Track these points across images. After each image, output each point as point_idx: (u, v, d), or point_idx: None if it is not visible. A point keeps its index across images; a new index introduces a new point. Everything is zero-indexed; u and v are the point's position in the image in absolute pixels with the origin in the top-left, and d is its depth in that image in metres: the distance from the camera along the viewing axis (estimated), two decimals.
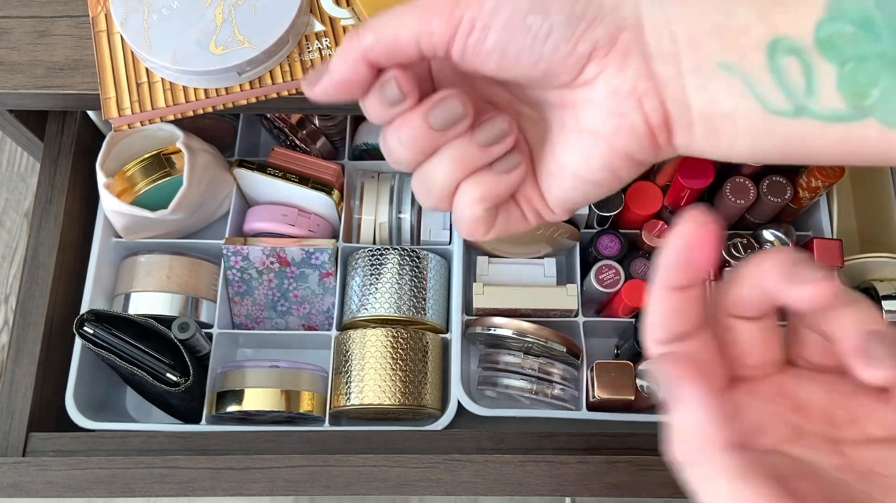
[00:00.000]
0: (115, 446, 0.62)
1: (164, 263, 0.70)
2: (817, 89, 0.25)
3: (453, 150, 0.32)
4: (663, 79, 0.28)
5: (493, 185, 0.32)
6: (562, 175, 0.32)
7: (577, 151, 0.31)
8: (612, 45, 0.29)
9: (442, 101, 0.31)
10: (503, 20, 0.29)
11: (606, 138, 0.30)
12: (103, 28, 0.58)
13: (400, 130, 0.31)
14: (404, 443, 0.62)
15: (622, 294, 0.67)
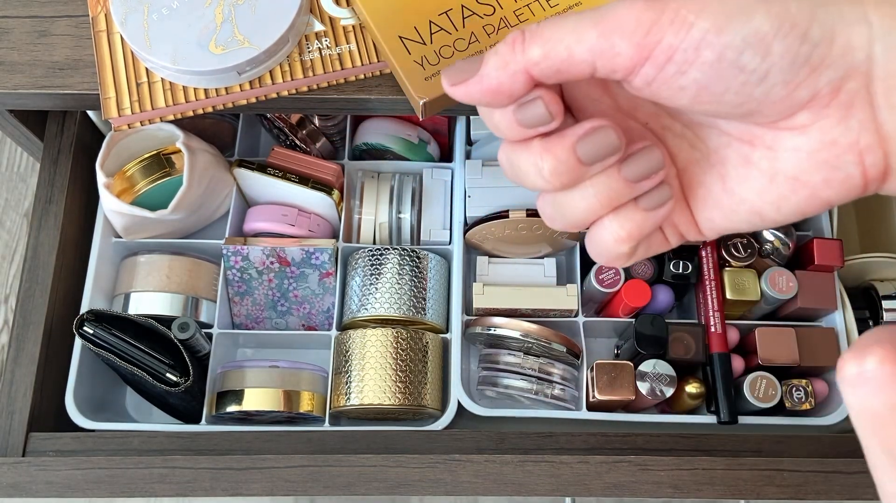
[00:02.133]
0: (115, 446, 0.62)
1: (164, 263, 0.70)
2: None
3: (598, 185, 0.29)
4: (890, 132, 0.26)
5: (639, 224, 0.29)
6: (737, 209, 0.30)
7: (766, 193, 0.28)
8: (836, 94, 0.26)
9: (595, 131, 0.28)
10: (712, 56, 0.25)
11: (811, 187, 0.28)
12: (103, 28, 0.58)
13: (542, 158, 0.28)
14: (404, 443, 0.62)
15: (622, 294, 0.67)
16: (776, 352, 0.66)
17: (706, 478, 0.59)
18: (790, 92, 0.26)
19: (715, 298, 0.68)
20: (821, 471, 0.59)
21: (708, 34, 0.25)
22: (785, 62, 0.25)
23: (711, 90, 0.26)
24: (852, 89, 0.26)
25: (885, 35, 0.25)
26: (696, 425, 0.67)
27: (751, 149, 0.29)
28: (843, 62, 0.25)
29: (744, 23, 0.25)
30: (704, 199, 0.30)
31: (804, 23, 0.25)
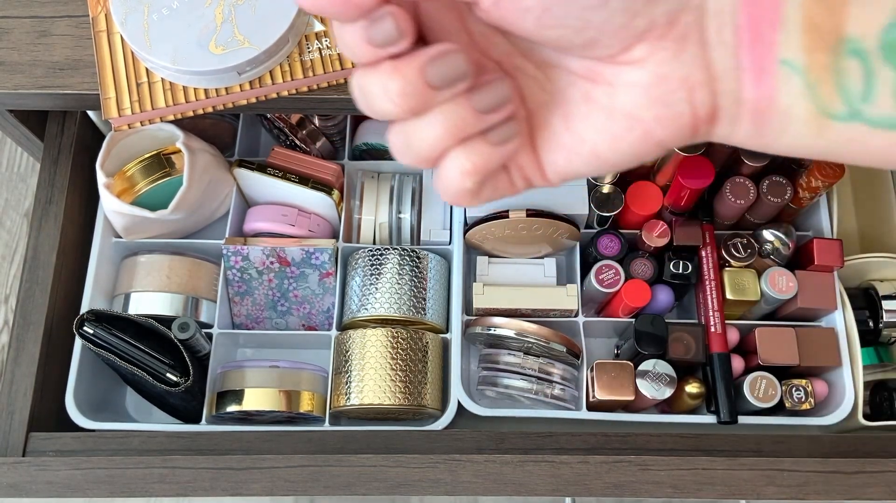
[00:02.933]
0: (115, 446, 0.62)
1: (164, 263, 0.70)
2: (874, 95, 0.25)
3: (446, 112, 0.28)
4: (720, 70, 0.27)
5: (486, 157, 0.29)
6: (577, 150, 0.30)
7: (604, 131, 0.29)
8: (672, 26, 0.26)
9: (445, 55, 0.27)
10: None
11: (644, 124, 0.28)
12: (103, 28, 0.58)
13: (389, 79, 0.27)
14: (404, 443, 0.62)
15: (622, 294, 0.67)
16: (776, 352, 0.66)
17: (706, 478, 0.59)
18: (628, 20, 0.26)
19: (715, 298, 0.68)
20: (821, 471, 0.59)
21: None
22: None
23: (554, 12, 0.26)
24: (687, 23, 0.26)
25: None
26: (696, 425, 0.67)
27: (592, 85, 0.29)
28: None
29: None
30: (549, 140, 0.30)
31: None
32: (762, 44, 0.25)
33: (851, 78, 0.24)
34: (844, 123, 0.25)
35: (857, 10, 0.24)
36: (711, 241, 0.69)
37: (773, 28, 0.25)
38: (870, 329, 0.70)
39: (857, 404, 0.65)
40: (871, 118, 0.25)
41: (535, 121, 0.31)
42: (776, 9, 0.25)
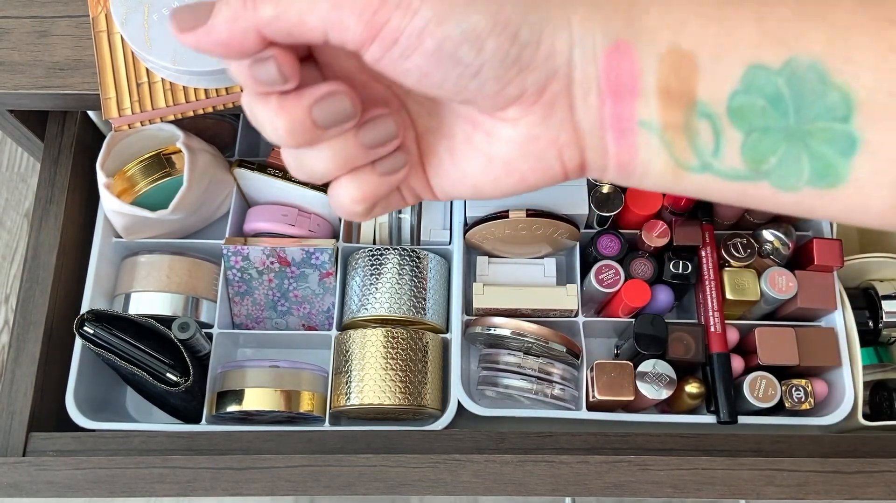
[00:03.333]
0: (115, 446, 0.62)
1: (164, 263, 0.70)
2: (723, 152, 0.27)
3: (334, 147, 0.30)
4: (585, 131, 0.29)
5: (374, 186, 0.31)
6: (462, 182, 0.32)
7: (485, 173, 0.31)
8: (541, 94, 0.28)
9: (330, 96, 0.29)
10: (432, 46, 0.27)
11: (520, 173, 0.30)
12: (103, 28, 0.58)
13: (276, 116, 0.29)
14: (404, 443, 0.62)
15: (622, 294, 0.67)
16: (776, 352, 0.66)
17: (706, 478, 0.59)
18: (501, 88, 0.28)
19: (715, 298, 0.68)
20: (820, 471, 0.59)
21: (430, 23, 0.26)
22: (496, 60, 0.27)
23: (432, 78, 0.28)
24: (555, 91, 0.28)
25: (582, 40, 0.27)
26: (696, 425, 0.67)
27: (473, 130, 0.31)
28: (547, 66, 0.28)
29: (463, 17, 0.26)
30: (436, 167, 0.32)
31: (515, 24, 0.27)
32: (623, 108, 0.28)
33: (702, 137, 0.27)
34: (698, 174, 0.28)
35: (707, 80, 0.26)
36: (711, 241, 0.69)
37: (632, 95, 0.27)
38: (869, 329, 0.70)
39: (857, 404, 0.65)
40: (721, 171, 0.27)
41: (424, 144, 0.33)
42: (635, 79, 0.27)
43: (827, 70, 0.25)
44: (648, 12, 0.27)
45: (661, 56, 0.27)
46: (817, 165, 0.26)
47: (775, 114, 0.26)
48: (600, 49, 0.27)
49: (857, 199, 0.26)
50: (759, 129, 0.26)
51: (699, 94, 0.26)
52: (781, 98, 0.26)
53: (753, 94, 0.26)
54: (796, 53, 0.25)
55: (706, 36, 0.26)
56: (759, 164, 0.27)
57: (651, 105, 0.27)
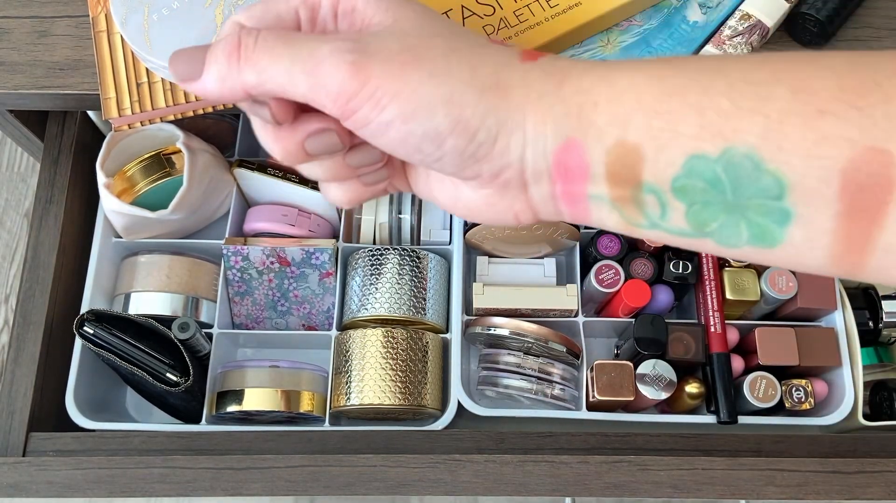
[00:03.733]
0: (115, 446, 0.62)
1: (164, 263, 0.70)
2: (669, 217, 0.30)
3: (324, 165, 0.35)
4: (538, 203, 0.33)
5: (359, 193, 0.36)
6: (435, 199, 0.36)
7: (453, 203, 0.35)
8: (495, 178, 0.32)
9: (320, 133, 0.32)
10: (398, 136, 0.31)
11: (482, 214, 0.35)
12: (103, 28, 0.58)
13: (273, 142, 0.33)
14: (404, 443, 0.62)
15: (622, 294, 0.67)
16: (776, 352, 0.66)
17: (706, 478, 0.59)
18: (459, 171, 0.32)
19: (715, 298, 0.68)
20: (821, 471, 0.59)
21: (396, 119, 0.30)
22: (455, 154, 0.31)
23: (399, 154, 0.32)
24: (508, 177, 0.32)
25: (534, 140, 0.30)
26: (696, 425, 0.67)
27: (442, 176, 0.35)
28: (501, 160, 0.31)
29: (427, 118, 0.30)
30: (416, 182, 0.37)
31: (474, 127, 0.30)
32: (573, 188, 0.31)
33: (650, 206, 0.30)
34: (647, 230, 0.31)
35: (651, 167, 0.29)
36: None
37: (582, 180, 0.31)
38: (870, 329, 0.70)
39: (857, 404, 0.65)
40: (668, 229, 0.30)
41: (410, 166, 0.37)
42: (584, 170, 0.30)
43: (761, 158, 0.27)
44: (597, 109, 0.30)
45: (608, 149, 0.29)
46: (755, 231, 0.28)
47: (714, 192, 0.28)
48: (551, 148, 0.30)
49: (794, 258, 0.29)
50: (701, 202, 0.29)
51: (645, 177, 0.29)
52: (719, 181, 0.28)
53: (694, 178, 0.28)
54: (733, 144, 0.27)
55: (650, 129, 0.29)
56: (702, 227, 0.29)
57: (600, 185, 0.30)
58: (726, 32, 0.58)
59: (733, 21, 0.58)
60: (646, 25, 0.59)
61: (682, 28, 0.59)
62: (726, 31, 0.58)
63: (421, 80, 0.30)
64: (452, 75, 0.30)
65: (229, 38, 0.31)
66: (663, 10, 0.59)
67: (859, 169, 0.26)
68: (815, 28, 0.58)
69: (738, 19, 0.58)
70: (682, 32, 0.59)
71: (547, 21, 0.55)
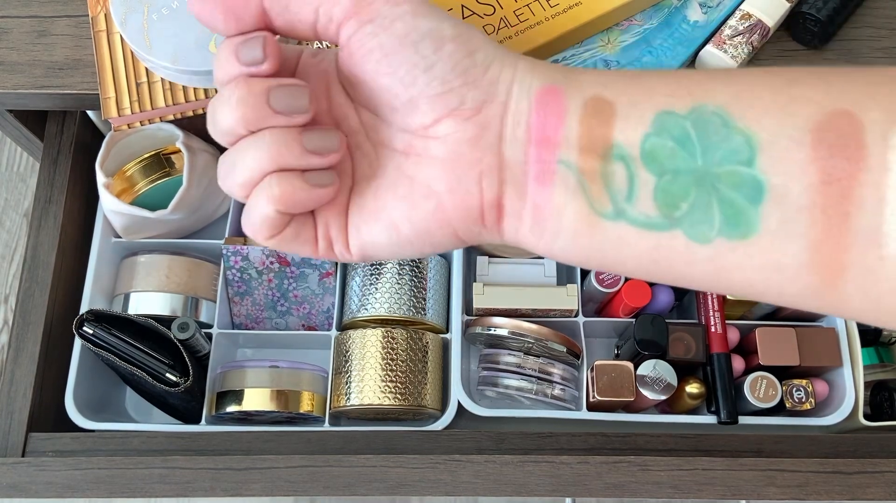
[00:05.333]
0: (114, 446, 0.62)
1: (163, 263, 0.70)
2: (636, 196, 0.29)
3: (275, 137, 0.31)
4: (509, 161, 0.31)
5: (297, 191, 0.31)
6: (378, 218, 0.33)
7: (404, 199, 0.32)
8: (477, 111, 0.31)
9: (291, 85, 0.31)
10: (401, 30, 0.30)
11: (438, 196, 0.31)
12: (103, 28, 0.58)
13: (236, 88, 0.30)
14: (404, 444, 0.62)
15: (622, 294, 0.67)
16: (776, 352, 0.66)
17: (706, 479, 0.59)
18: (444, 92, 0.31)
19: (715, 298, 0.68)
20: (821, 471, 0.59)
21: (406, 14, 0.30)
22: (449, 63, 0.30)
23: (390, 60, 0.31)
24: (489, 114, 0.31)
25: (521, 79, 0.31)
26: (697, 425, 0.67)
27: (405, 158, 0.33)
28: (488, 89, 0.31)
29: (436, 20, 0.31)
30: (359, 207, 0.33)
31: (475, 45, 0.31)
32: (546, 143, 0.30)
33: (617, 180, 0.29)
34: (612, 222, 0.29)
35: (623, 123, 0.29)
36: None
37: (556, 130, 0.30)
38: (870, 329, 0.69)
39: (858, 404, 0.65)
40: (634, 218, 0.29)
41: (355, 191, 0.34)
42: (560, 117, 0.30)
43: (730, 115, 0.27)
44: (577, 71, 0.31)
45: (585, 101, 0.30)
46: (728, 212, 0.27)
47: (684, 154, 0.28)
48: (535, 87, 0.31)
49: (770, 254, 0.27)
50: (671, 171, 0.28)
51: (616, 136, 0.29)
52: (689, 139, 0.28)
53: (664, 136, 0.28)
54: (703, 102, 0.28)
55: (626, 90, 0.30)
56: (671, 209, 0.28)
57: (573, 144, 0.30)
58: (727, 32, 0.58)
59: (734, 21, 0.58)
60: (646, 25, 0.59)
61: (682, 28, 0.59)
62: (727, 30, 0.58)
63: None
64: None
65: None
66: (664, 9, 0.59)
67: (828, 129, 0.26)
68: (815, 28, 0.58)
69: (739, 19, 0.58)
70: (683, 32, 0.58)
71: (547, 21, 0.55)
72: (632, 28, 0.59)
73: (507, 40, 0.55)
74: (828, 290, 0.27)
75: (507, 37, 0.55)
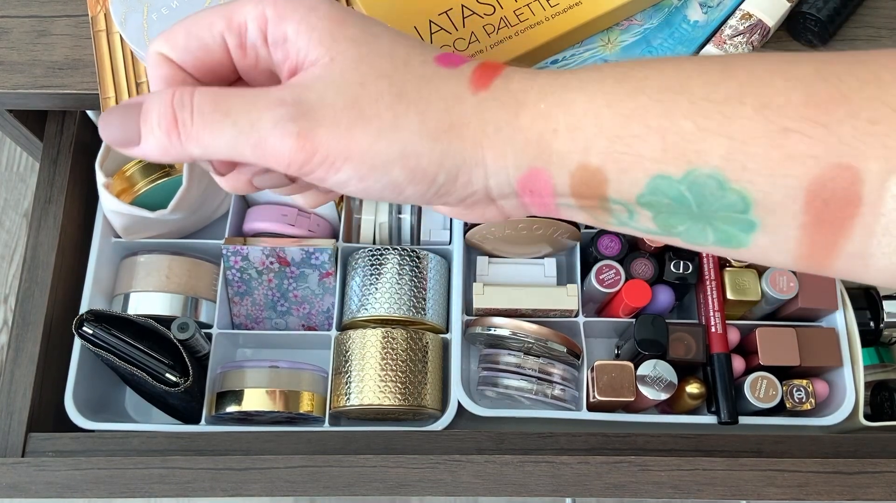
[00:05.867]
0: (114, 446, 0.62)
1: (163, 263, 0.70)
2: (637, 220, 0.31)
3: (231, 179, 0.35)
4: (509, 210, 0.34)
5: (318, 198, 0.37)
6: None
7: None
8: (462, 201, 0.33)
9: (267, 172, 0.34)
10: (356, 191, 0.31)
11: (455, 216, 0.35)
12: (103, 28, 0.58)
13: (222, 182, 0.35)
14: (404, 444, 0.62)
15: (622, 294, 0.67)
16: (777, 352, 0.66)
17: (706, 479, 0.59)
18: (425, 204, 0.33)
19: (715, 298, 0.68)
20: (821, 471, 0.59)
21: (352, 180, 0.30)
22: (416, 197, 0.32)
23: (363, 195, 0.32)
24: (475, 200, 0.32)
25: (496, 174, 0.31)
26: (697, 425, 0.67)
27: None
28: (465, 191, 0.32)
29: (383, 174, 0.30)
30: None
31: (432, 174, 0.30)
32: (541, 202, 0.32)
33: (618, 212, 0.30)
34: (618, 227, 0.32)
35: (615, 187, 0.29)
36: None
37: (549, 197, 0.31)
38: (870, 329, 0.69)
39: (858, 404, 0.65)
40: (637, 227, 0.31)
41: None
42: (550, 190, 0.31)
43: (726, 178, 0.27)
44: (557, 136, 0.29)
45: (571, 173, 0.30)
46: (721, 236, 0.29)
47: (680, 207, 0.29)
48: (514, 177, 0.31)
49: (760, 257, 0.30)
50: (667, 212, 0.29)
51: (610, 194, 0.30)
52: (685, 198, 0.28)
53: (659, 196, 0.29)
54: (696, 166, 0.27)
55: (612, 153, 0.29)
56: (669, 230, 0.30)
57: (567, 198, 0.31)
58: (727, 32, 0.57)
59: (734, 20, 0.58)
60: (646, 25, 0.59)
61: (682, 27, 0.59)
62: (727, 30, 0.58)
63: (370, 141, 0.29)
64: (401, 129, 0.30)
65: (163, 111, 0.30)
66: (664, 9, 0.59)
67: (825, 186, 0.26)
68: (815, 27, 0.58)
69: (739, 19, 0.58)
70: (683, 32, 0.58)
71: (547, 20, 0.55)
72: (632, 28, 0.59)
73: (507, 40, 0.55)
74: (818, 272, 0.30)
75: (507, 37, 0.55)
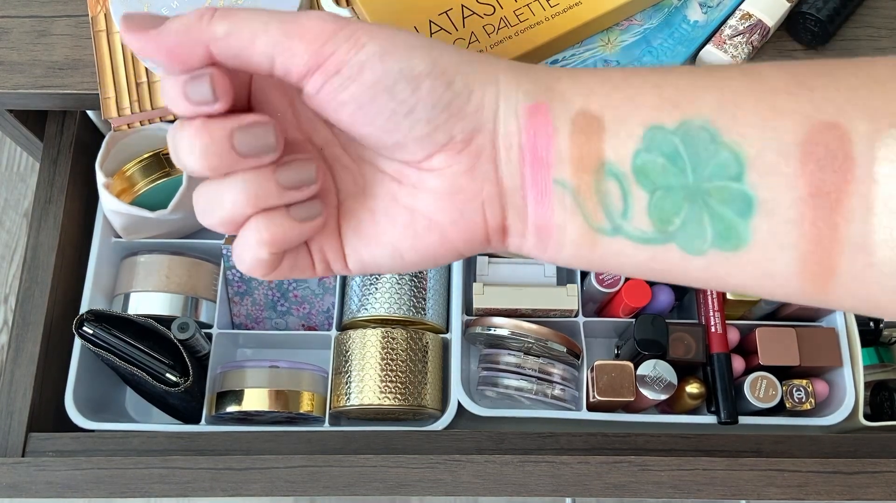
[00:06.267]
0: (114, 446, 0.62)
1: (163, 263, 0.70)
2: (631, 213, 0.29)
3: (249, 180, 0.29)
4: (508, 188, 0.30)
5: (285, 231, 0.30)
6: (379, 243, 0.32)
7: (406, 229, 0.31)
8: (468, 144, 0.30)
9: (253, 125, 0.29)
10: (372, 78, 0.28)
11: (441, 227, 0.31)
12: (103, 28, 0.58)
13: (197, 135, 0.28)
14: (404, 444, 0.62)
15: (622, 294, 0.67)
16: (777, 352, 0.66)
17: (706, 479, 0.59)
18: (431, 132, 0.29)
19: (715, 298, 0.68)
20: (821, 471, 0.59)
21: (373, 57, 0.28)
22: (430, 102, 0.29)
23: (366, 111, 0.29)
24: (480, 143, 0.30)
25: (507, 96, 0.30)
26: (697, 425, 0.67)
27: (399, 186, 0.32)
28: (475, 118, 0.30)
29: (405, 57, 0.29)
30: (355, 229, 0.32)
31: (451, 73, 0.29)
32: (540, 164, 0.30)
33: (612, 198, 0.29)
34: (610, 238, 0.30)
35: (612, 140, 0.29)
36: None
37: (548, 150, 0.29)
38: (870, 329, 0.69)
39: (858, 404, 0.65)
40: (631, 234, 0.29)
41: (344, 209, 0.32)
42: (550, 137, 0.29)
43: (717, 129, 0.27)
44: (560, 80, 0.30)
45: (572, 118, 0.29)
46: (719, 227, 0.28)
47: (674, 170, 0.28)
48: (522, 106, 0.30)
49: (762, 263, 0.28)
50: (662, 187, 0.28)
51: (607, 154, 0.29)
52: (679, 155, 0.28)
53: (654, 153, 0.28)
54: (689, 116, 0.28)
55: (611, 101, 0.29)
56: (665, 224, 0.29)
57: (565, 164, 0.29)
58: (727, 32, 0.58)
59: (734, 20, 0.58)
60: (646, 25, 0.59)
61: (682, 27, 0.59)
62: (727, 30, 0.58)
63: (398, 30, 0.29)
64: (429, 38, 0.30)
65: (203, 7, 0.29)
66: (664, 9, 0.59)
67: (816, 143, 0.26)
68: (815, 27, 0.58)
69: (739, 19, 0.58)
70: (683, 32, 0.58)
71: (547, 20, 0.55)
72: (632, 28, 0.59)
73: (507, 40, 0.55)
74: (818, 294, 0.28)
75: (507, 37, 0.55)
